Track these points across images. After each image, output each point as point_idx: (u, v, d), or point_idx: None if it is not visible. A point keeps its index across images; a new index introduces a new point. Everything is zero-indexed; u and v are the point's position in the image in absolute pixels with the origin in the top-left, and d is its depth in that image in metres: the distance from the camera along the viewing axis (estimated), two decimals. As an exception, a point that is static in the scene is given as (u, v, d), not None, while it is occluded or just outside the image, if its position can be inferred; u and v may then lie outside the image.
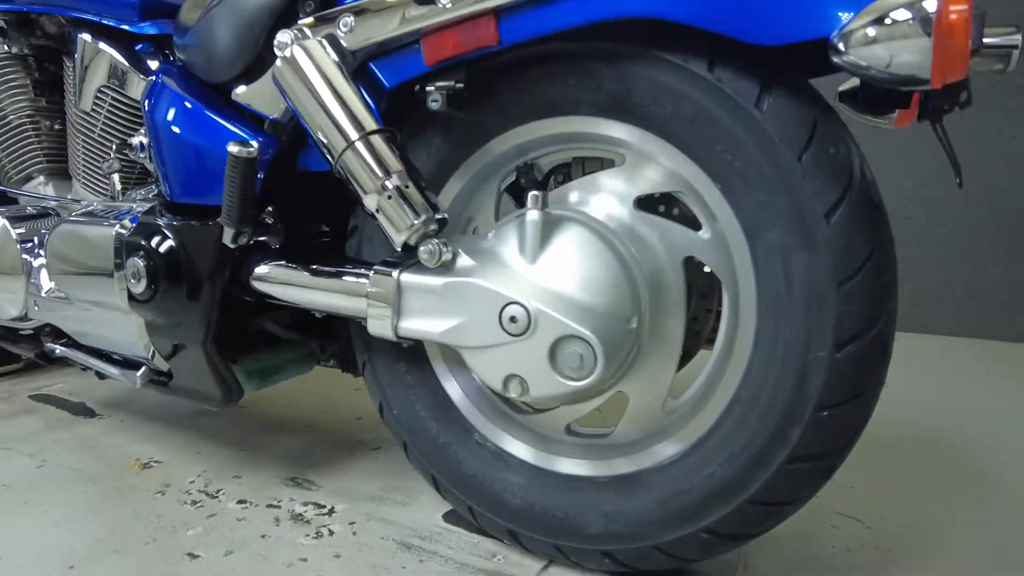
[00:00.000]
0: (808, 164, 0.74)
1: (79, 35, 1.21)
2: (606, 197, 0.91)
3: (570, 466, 0.94)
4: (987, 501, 1.26)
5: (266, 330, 1.15)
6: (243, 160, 0.86)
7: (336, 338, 1.18)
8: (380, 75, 0.91)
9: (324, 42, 0.88)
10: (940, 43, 0.58)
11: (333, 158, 0.85)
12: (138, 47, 1.20)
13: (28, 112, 1.34)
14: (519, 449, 0.98)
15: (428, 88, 0.86)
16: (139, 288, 1.02)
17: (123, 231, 1.06)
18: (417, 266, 0.87)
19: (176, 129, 1.01)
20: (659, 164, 0.86)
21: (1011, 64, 0.72)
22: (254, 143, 0.89)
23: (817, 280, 0.75)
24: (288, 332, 1.15)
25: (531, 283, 0.82)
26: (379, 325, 0.89)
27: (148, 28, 1.17)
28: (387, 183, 0.83)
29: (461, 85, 0.85)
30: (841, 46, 0.64)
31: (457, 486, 1.00)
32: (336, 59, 0.88)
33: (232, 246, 0.93)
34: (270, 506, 1.15)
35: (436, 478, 1.02)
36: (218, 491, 1.19)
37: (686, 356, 1.01)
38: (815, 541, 1.13)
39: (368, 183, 0.83)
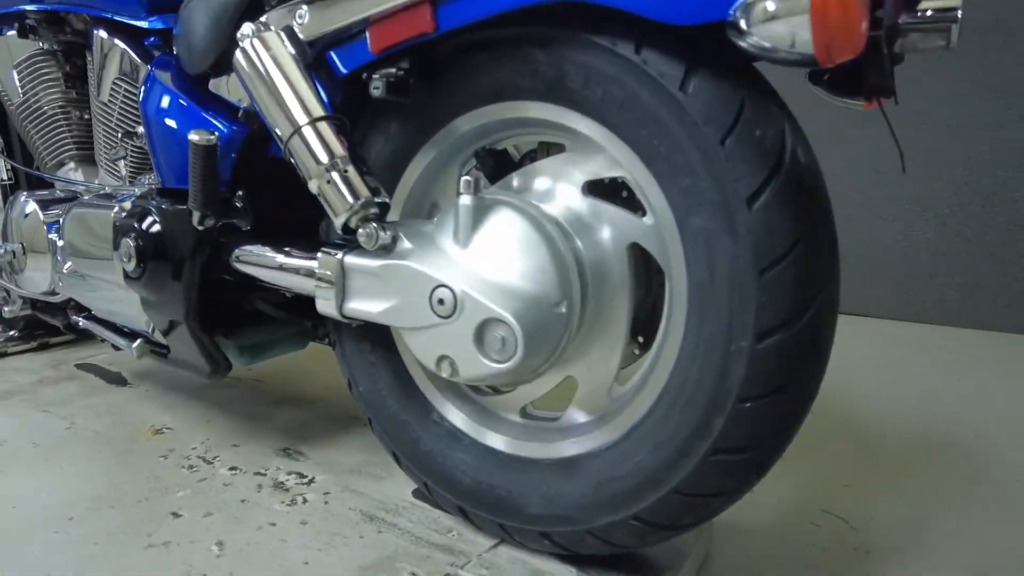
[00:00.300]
0: (732, 148, 0.72)
1: (97, 31, 1.31)
2: (554, 183, 0.91)
3: (516, 447, 0.95)
4: (988, 510, 1.18)
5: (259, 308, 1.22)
6: (202, 148, 0.92)
7: (324, 317, 1.23)
8: (335, 64, 0.94)
9: (282, 34, 0.92)
10: (818, 18, 0.55)
11: (283, 143, 0.89)
12: (148, 41, 1.28)
13: (60, 103, 1.46)
14: (471, 428, 0.99)
15: (373, 76, 0.88)
16: (131, 266, 1.10)
17: (120, 214, 1.14)
18: (361, 249, 0.90)
19: (161, 117, 1.08)
20: (600, 149, 0.85)
21: (952, 40, 0.67)
22: (215, 132, 0.94)
23: (739, 268, 0.72)
24: (275, 310, 1.21)
25: (461, 266, 0.83)
26: (326, 304, 0.93)
27: (155, 23, 1.25)
28: (328, 167, 0.86)
29: (403, 72, 0.87)
30: (743, 24, 0.62)
31: (415, 463, 1.03)
32: (292, 50, 0.92)
33: (200, 228, 0.99)
34: (257, 473, 1.22)
35: (396, 454, 1.06)
36: (215, 458, 1.28)
37: (648, 343, 1.00)
38: (791, 537, 1.10)
39: (311, 167, 0.87)
